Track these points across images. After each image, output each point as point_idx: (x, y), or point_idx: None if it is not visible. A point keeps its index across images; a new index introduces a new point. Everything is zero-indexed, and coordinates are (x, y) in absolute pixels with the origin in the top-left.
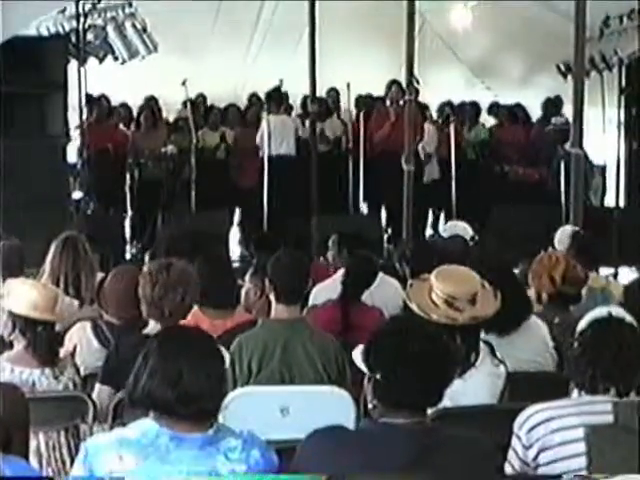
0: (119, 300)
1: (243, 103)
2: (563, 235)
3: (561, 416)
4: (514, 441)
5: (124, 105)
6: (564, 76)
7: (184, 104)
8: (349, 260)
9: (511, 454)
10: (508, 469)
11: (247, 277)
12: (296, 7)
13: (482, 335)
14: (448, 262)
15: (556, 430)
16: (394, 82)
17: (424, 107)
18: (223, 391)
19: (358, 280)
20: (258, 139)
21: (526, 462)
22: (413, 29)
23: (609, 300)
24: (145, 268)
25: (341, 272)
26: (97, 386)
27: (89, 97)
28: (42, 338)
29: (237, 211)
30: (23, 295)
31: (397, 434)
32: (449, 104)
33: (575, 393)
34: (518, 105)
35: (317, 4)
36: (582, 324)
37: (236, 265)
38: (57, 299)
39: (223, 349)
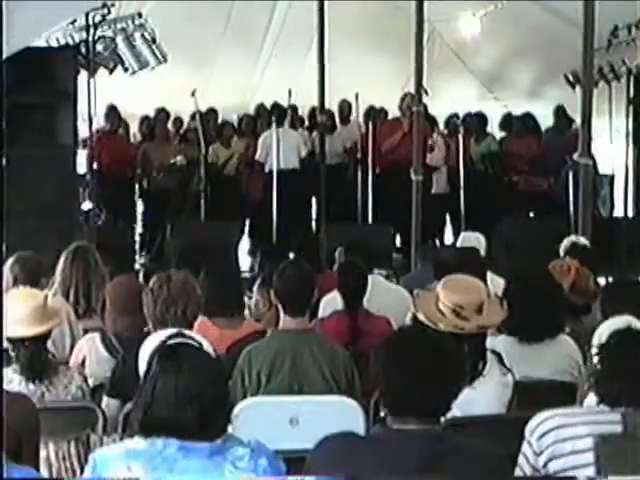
0: (111, 312)
1: (252, 113)
2: (569, 245)
3: (571, 424)
4: (525, 446)
5: (133, 116)
6: (572, 86)
7: (193, 116)
8: (338, 270)
9: (522, 459)
10: (519, 475)
11: (255, 288)
12: (305, 18)
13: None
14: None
15: (567, 439)
16: (407, 94)
17: (432, 118)
18: (229, 400)
19: (350, 287)
20: (259, 153)
21: (536, 468)
22: (422, 38)
23: None
24: (150, 283)
25: None
26: (104, 399)
27: (99, 108)
28: (25, 355)
29: (247, 222)
30: (6, 314)
31: (408, 440)
32: (457, 115)
33: (586, 402)
34: (529, 115)
35: (326, 14)
36: (601, 336)
37: (245, 276)
38: (42, 306)
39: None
